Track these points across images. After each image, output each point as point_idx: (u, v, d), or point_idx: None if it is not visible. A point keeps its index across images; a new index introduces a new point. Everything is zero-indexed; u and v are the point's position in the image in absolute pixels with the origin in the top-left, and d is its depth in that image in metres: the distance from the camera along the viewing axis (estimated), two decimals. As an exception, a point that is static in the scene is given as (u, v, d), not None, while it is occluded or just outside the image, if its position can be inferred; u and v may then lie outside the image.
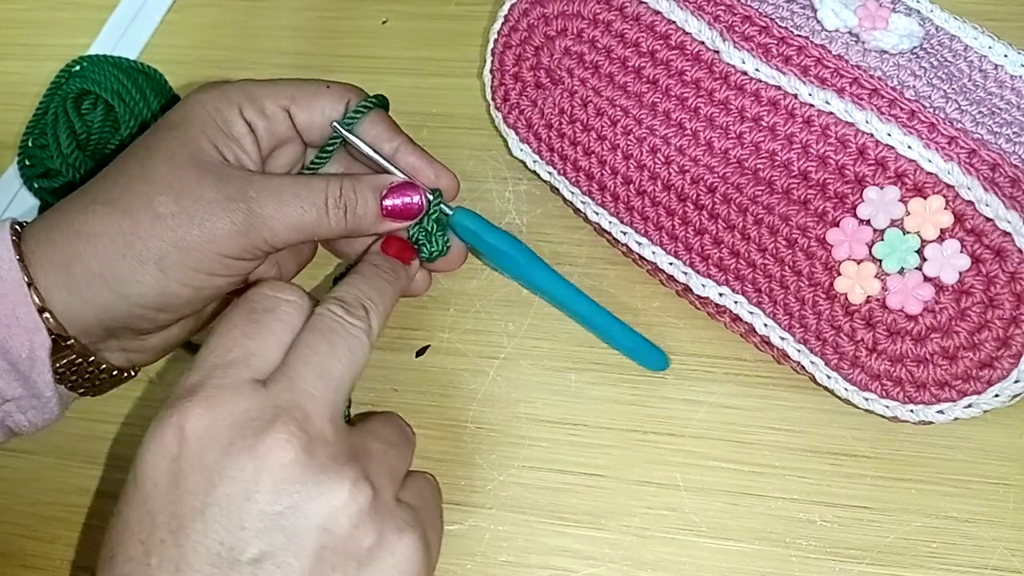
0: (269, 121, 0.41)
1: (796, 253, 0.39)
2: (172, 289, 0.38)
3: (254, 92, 0.40)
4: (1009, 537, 0.38)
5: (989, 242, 0.36)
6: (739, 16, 0.40)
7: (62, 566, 0.43)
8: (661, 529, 0.40)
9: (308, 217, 0.38)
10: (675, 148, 0.41)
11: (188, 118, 0.39)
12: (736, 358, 0.42)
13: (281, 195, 0.38)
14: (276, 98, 0.41)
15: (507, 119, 0.46)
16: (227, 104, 0.40)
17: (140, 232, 0.37)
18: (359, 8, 0.57)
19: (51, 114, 0.52)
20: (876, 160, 0.37)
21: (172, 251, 0.37)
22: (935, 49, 0.41)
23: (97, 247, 0.37)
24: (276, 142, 0.42)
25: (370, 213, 0.40)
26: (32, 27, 0.62)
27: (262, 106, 0.40)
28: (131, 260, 0.37)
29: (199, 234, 0.37)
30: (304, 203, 0.38)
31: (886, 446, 0.40)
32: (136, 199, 0.37)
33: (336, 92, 0.41)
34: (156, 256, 0.37)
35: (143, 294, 0.37)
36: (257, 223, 0.38)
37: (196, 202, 0.37)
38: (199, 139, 0.39)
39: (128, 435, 0.46)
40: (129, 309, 0.38)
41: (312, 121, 0.41)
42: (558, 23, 0.44)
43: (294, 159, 0.43)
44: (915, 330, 0.37)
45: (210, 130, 0.39)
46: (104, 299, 0.37)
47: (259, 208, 0.38)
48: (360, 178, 0.40)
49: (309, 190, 0.39)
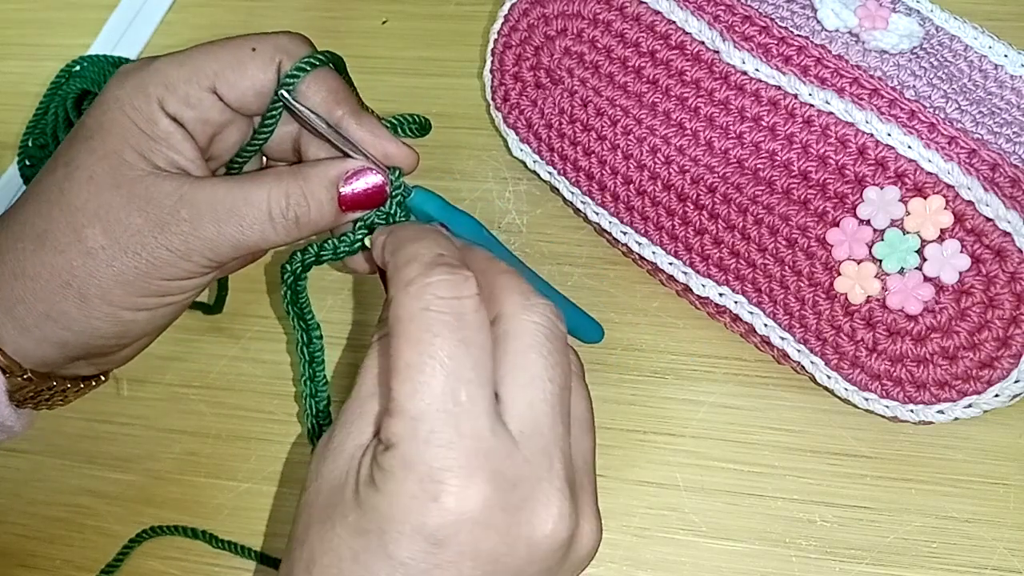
0: (196, 110, 0.35)
1: (796, 253, 0.39)
2: (125, 318, 0.35)
3: (173, 78, 0.35)
4: (1009, 537, 0.38)
5: (989, 242, 0.36)
6: (739, 16, 0.40)
7: (62, 566, 0.43)
8: (661, 529, 0.40)
9: (251, 235, 0.34)
10: (675, 148, 0.41)
11: (105, 125, 0.35)
12: (736, 358, 0.42)
13: (217, 214, 0.34)
14: (198, 80, 0.35)
15: (507, 119, 0.46)
16: (144, 100, 0.34)
17: (75, 271, 0.34)
18: (359, 8, 0.57)
19: (51, 114, 0.52)
20: (876, 160, 0.37)
21: (113, 285, 0.34)
22: (935, 49, 0.41)
23: (36, 290, 0.34)
24: (213, 129, 0.36)
25: (326, 214, 0.35)
26: (32, 27, 0.62)
27: (184, 95, 0.35)
28: (73, 299, 0.34)
29: (135, 266, 0.34)
30: (244, 221, 0.34)
31: (886, 446, 0.40)
32: (63, 233, 0.34)
33: (264, 53, 0.35)
34: (98, 292, 0.34)
35: (96, 328, 0.35)
36: (196, 246, 0.34)
37: (126, 232, 0.34)
38: (121, 150, 0.34)
39: (128, 435, 0.46)
40: (86, 342, 0.36)
41: (244, 96, 0.35)
42: (558, 23, 0.44)
43: (241, 137, 0.38)
44: (915, 330, 0.37)
45: (131, 136, 0.34)
46: (58, 337, 0.35)
47: (194, 231, 0.34)
48: (309, 175, 0.35)
49: (248, 205, 0.34)
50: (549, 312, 0.30)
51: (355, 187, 0.35)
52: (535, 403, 0.28)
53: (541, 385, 0.28)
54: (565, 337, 0.30)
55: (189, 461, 0.45)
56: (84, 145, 0.35)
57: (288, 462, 0.44)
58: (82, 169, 0.34)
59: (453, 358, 0.27)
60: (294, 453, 0.44)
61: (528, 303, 0.30)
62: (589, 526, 0.29)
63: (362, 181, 0.35)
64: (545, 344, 0.29)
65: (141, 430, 0.46)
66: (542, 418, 0.28)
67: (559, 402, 0.29)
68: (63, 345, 0.35)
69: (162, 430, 0.46)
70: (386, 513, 0.27)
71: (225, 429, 0.45)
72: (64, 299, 0.34)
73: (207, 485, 0.44)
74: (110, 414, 0.46)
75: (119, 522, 0.44)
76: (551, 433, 0.28)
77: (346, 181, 0.35)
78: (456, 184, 0.49)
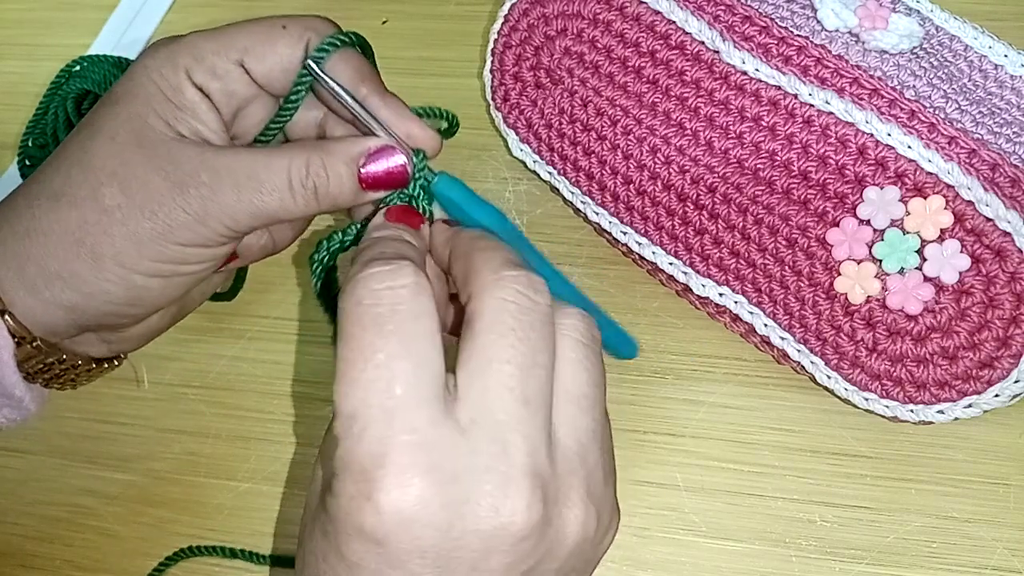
0: (223, 82, 0.35)
1: (796, 253, 0.39)
2: (137, 282, 0.34)
3: (202, 50, 0.35)
4: (1009, 537, 0.38)
5: (989, 242, 0.36)
6: (739, 16, 0.40)
7: (62, 566, 0.43)
8: (661, 529, 0.40)
9: (270, 202, 0.33)
10: (675, 148, 0.41)
11: (132, 90, 0.35)
12: (736, 358, 0.42)
13: (237, 179, 0.33)
14: (227, 53, 0.35)
15: (507, 119, 0.46)
16: (172, 70, 0.34)
17: (89, 228, 0.33)
18: (359, 8, 0.57)
19: (51, 114, 0.52)
20: (876, 160, 0.37)
21: (127, 245, 0.33)
22: (935, 49, 0.41)
23: (48, 246, 0.34)
24: (238, 103, 0.36)
25: (346, 190, 0.34)
26: (32, 27, 0.62)
27: (212, 65, 0.35)
28: (85, 258, 0.33)
29: (151, 227, 0.33)
30: (263, 187, 0.33)
31: (886, 446, 0.40)
32: (80, 189, 0.34)
33: (294, 31, 0.35)
34: (111, 252, 0.33)
35: (107, 291, 0.34)
36: (214, 211, 0.33)
37: (143, 191, 0.33)
38: (145, 114, 0.34)
39: (128, 435, 0.46)
40: (97, 307, 0.34)
41: (271, 72, 0.35)
42: (558, 23, 0.44)
43: (265, 116, 0.38)
44: (915, 330, 0.37)
45: (157, 102, 0.34)
46: (68, 299, 0.34)
47: (213, 195, 0.33)
48: (331, 148, 0.34)
49: (269, 171, 0.33)
50: (520, 284, 0.28)
51: (377, 165, 0.34)
52: (490, 388, 0.27)
53: (498, 368, 0.27)
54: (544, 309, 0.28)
55: (189, 461, 0.45)
56: (110, 110, 0.35)
57: (288, 462, 0.44)
58: (105, 130, 0.34)
59: (385, 351, 0.26)
60: (294, 453, 0.44)
61: (496, 278, 0.28)
62: (574, 512, 0.28)
63: (384, 160, 0.34)
64: (507, 322, 0.27)
65: (141, 430, 0.46)
66: (497, 403, 0.26)
67: (522, 384, 0.27)
68: (72, 309, 0.34)
69: (162, 430, 0.46)
70: (333, 515, 0.26)
71: (225, 429, 0.45)
72: (76, 257, 0.33)
73: (207, 485, 0.44)
74: (110, 414, 0.46)
75: (119, 522, 0.44)
76: (509, 418, 0.26)
77: (368, 159, 0.34)
78: (456, 184, 0.49)
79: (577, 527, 0.28)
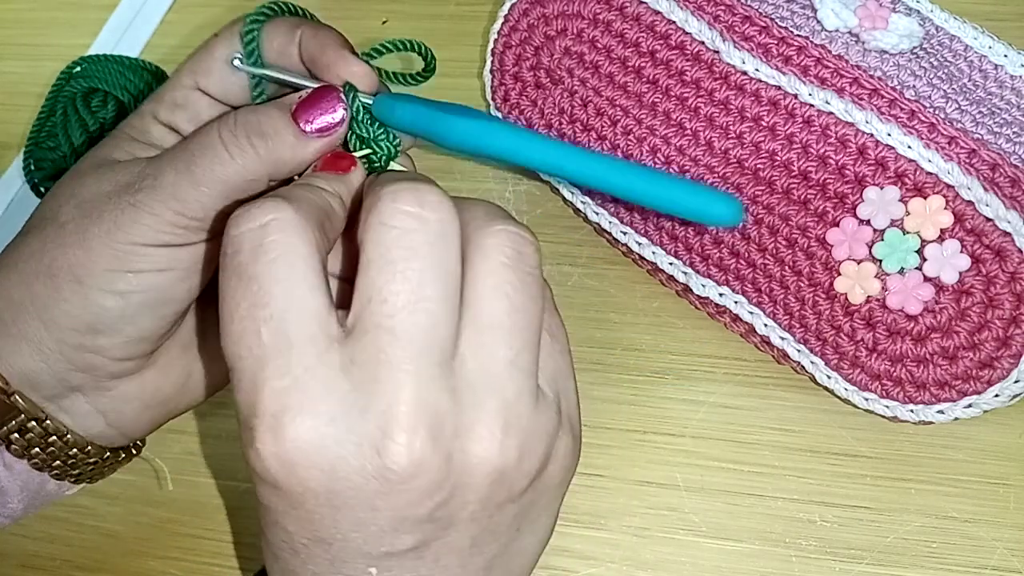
0: (186, 109, 0.35)
1: (796, 253, 0.39)
2: (94, 299, 0.33)
3: (160, 92, 0.36)
4: (1009, 537, 0.38)
5: (989, 242, 0.36)
6: (739, 16, 0.40)
7: (62, 566, 0.43)
8: (661, 529, 0.40)
9: (203, 163, 0.32)
10: (675, 148, 0.41)
11: (103, 150, 0.36)
12: (736, 358, 0.42)
13: (174, 154, 0.33)
14: (181, 81, 0.35)
15: (507, 119, 0.46)
16: (139, 118, 0.36)
17: (48, 246, 0.33)
18: (359, 8, 0.57)
19: (59, 114, 0.52)
20: (876, 160, 0.37)
21: (80, 254, 0.33)
22: (935, 49, 0.41)
23: (12, 276, 0.33)
24: None
25: (282, 132, 0.32)
26: (32, 27, 0.62)
27: (171, 99, 0.35)
28: (43, 277, 0.33)
29: (99, 229, 0.32)
30: (195, 149, 0.32)
31: (886, 446, 0.40)
32: (43, 218, 0.34)
33: (225, 33, 0.35)
34: (66, 265, 0.33)
35: (67, 312, 0.33)
36: (160, 195, 0.32)
37: (94, 199, 0.33)
38: (112, 152, 0.35)
39: (128, 435, 0.46)
40: (61, 336, 0.33)
41: (223, 83, 0.35)
42: (558, 23, 0.44)
43: None
44: (915, 330, 0.37)
45: (126, 144, 0.35)
46: (33, 332, 0.33)
47: (154, 180, 0.32)
48: (264, 105, 0.34)
49: (197, 135, 0.33)
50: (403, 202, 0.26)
51: (309, 111, 0.33)
52: (368, 330, 0.25)
53: (377, 307, 0.25)
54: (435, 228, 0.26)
55: (189, 461, 0.45)
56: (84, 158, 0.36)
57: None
58: (72, 172, 0.35)
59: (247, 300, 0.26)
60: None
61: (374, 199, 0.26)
62: (482, 445, 0.26)
63: (315, 103, 0.33)
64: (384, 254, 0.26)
65: (141, 430, 0.46)
66: (376, 342, 0.25)
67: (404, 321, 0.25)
68: (39, 345, 0.33)
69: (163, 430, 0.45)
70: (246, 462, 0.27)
71: (225, 429, 0.45)
72: (36, 278, 0.33)
73: (207, 485, 0.44)
74: (110, 414, 0.46)
75: (119, 522, 0.44)
76: (388, 357, 0.25)
77: (300, 108, 0.33)
78: (456, 184, 0.49)
79: (488, 459, 0.26)
